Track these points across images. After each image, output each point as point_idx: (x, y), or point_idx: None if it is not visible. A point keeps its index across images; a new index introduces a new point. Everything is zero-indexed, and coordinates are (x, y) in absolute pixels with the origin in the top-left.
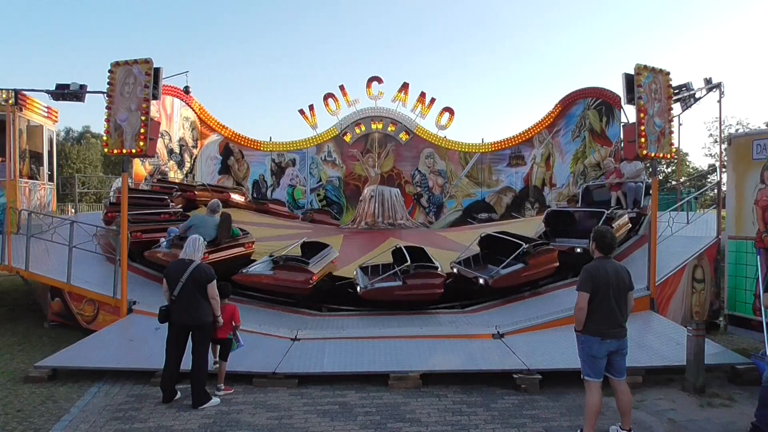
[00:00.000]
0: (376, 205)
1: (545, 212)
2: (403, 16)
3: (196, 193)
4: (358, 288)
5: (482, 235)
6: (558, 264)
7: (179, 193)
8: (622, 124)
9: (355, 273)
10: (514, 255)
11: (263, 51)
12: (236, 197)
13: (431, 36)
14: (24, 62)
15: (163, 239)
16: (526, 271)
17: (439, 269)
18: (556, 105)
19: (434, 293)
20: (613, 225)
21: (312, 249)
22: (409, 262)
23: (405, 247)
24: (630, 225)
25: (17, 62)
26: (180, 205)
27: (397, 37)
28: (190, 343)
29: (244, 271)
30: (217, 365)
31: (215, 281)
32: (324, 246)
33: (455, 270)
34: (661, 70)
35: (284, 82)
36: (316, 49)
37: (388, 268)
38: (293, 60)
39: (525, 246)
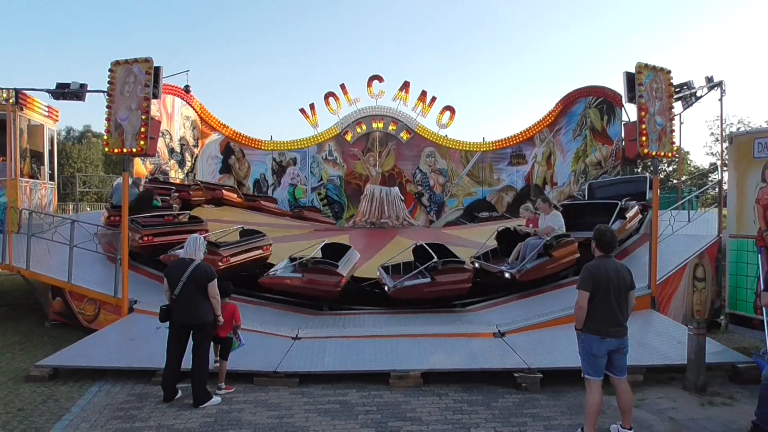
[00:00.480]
0: (377, 204)
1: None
2: (404, 15)
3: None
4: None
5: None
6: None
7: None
8: (623, 122)
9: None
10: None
11: (264, 50)
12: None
13: (432, 35)
14: (24, 62)
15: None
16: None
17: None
18: (557, 104)
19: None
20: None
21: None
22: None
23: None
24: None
25: (18, 62)
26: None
27: (398, 37)
28: (190, 343)
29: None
30: (218, 364)
31: (216, 280)
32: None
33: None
34: (662, 69)
35: (285, 81)
36: (317, 48)
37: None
38: (294, 59)
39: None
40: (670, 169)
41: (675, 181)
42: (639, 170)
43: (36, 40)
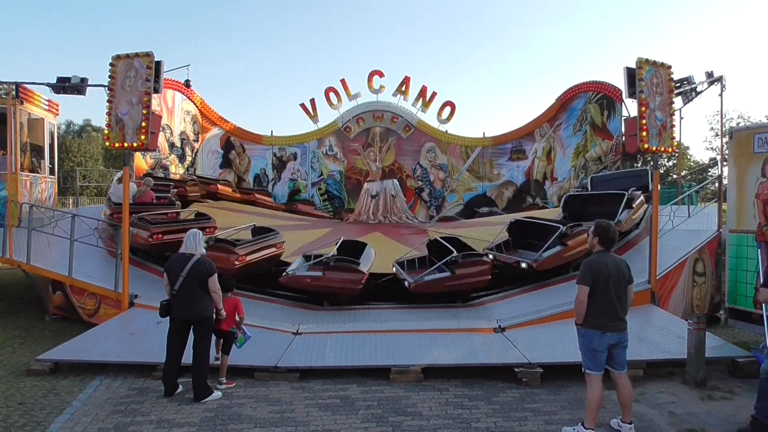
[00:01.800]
0: (377, 200)
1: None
2: (404, 10)
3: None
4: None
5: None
6: None
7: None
8: (623, 117)
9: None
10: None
11: (264, 45)
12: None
13: (432, 30)
14: (25, 55)
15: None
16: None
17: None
18: (558, 99)
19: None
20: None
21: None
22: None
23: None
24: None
25: (18, 55)
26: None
27: (398, 32)
28: (191, 338)
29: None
30: (219, 360)
31: (216, 275)
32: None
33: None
34: (662, 64)
35: (285, 76)
36: (318, 43)
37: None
38: (295, 54)
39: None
40: (670, 164)
41: (675, 176)
42: (639, 165)
43: (37, 33)
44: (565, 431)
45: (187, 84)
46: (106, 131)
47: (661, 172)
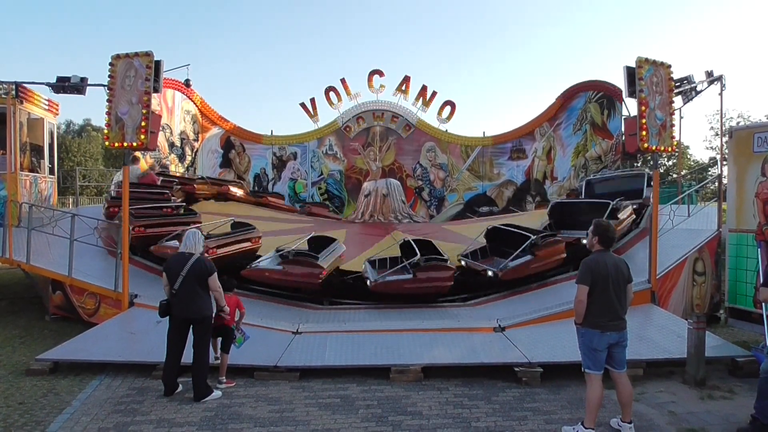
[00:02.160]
0: (378, 198)
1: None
2: (404, 9)
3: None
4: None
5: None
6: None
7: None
8: (623, 117)
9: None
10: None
11: (265, 45)
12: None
13: (432, 30)
14: (25, 55)
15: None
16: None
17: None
18: (558, 98)
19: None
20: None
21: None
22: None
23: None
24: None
25: (18, 55)
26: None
27: (398, 31)
28: (191, 337)
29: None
30: (218, 360)
31: (216, 273)
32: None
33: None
34: (662, 63)
35: (285, 75)
36: (318, 42)
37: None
38: (295, 53)
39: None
40: (670, 163)
41: (675, 176)
42: (639, 164)
43: (36, 33)
44: (565, 430)
45: (187, 83)
46: (105, 131)
47: (661, 171)
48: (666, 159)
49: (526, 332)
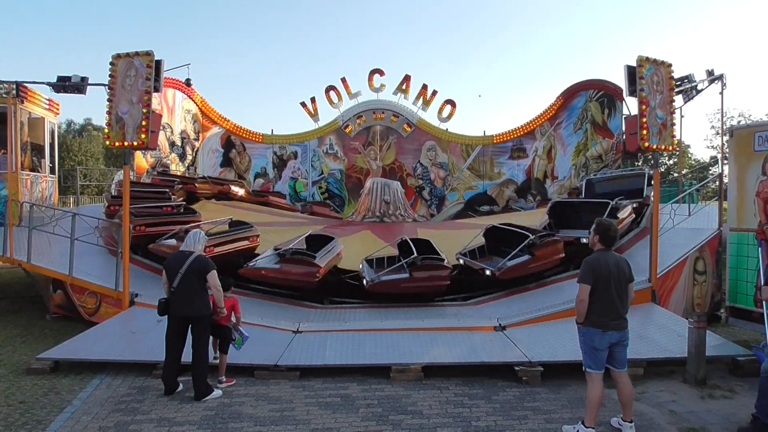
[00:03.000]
0: (378, 198)
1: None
2: (404, 8)
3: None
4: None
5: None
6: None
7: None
8: (624, 116)
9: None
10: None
11: (265, 44)
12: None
13: (432, 29)
14: (25, 55)
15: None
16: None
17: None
18: (558, 97)
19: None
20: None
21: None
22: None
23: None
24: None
25: (18, 55)
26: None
27: (399, 30)
28: (190, 336)
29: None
30: (217, 359)
31: (215, 271)
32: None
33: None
34: (663, 62)
35: (286, 75)
36: (318, 42)
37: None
38: (295, 53)
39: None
40: (671, 162)
41: (675, 175)
42: (639, 163)
43: (37, 32)
44: (566, 430)
45: (187, 83)
46: (106, 130)
47: (662, 170)
48: (667, 158)
49: (526, 331)
